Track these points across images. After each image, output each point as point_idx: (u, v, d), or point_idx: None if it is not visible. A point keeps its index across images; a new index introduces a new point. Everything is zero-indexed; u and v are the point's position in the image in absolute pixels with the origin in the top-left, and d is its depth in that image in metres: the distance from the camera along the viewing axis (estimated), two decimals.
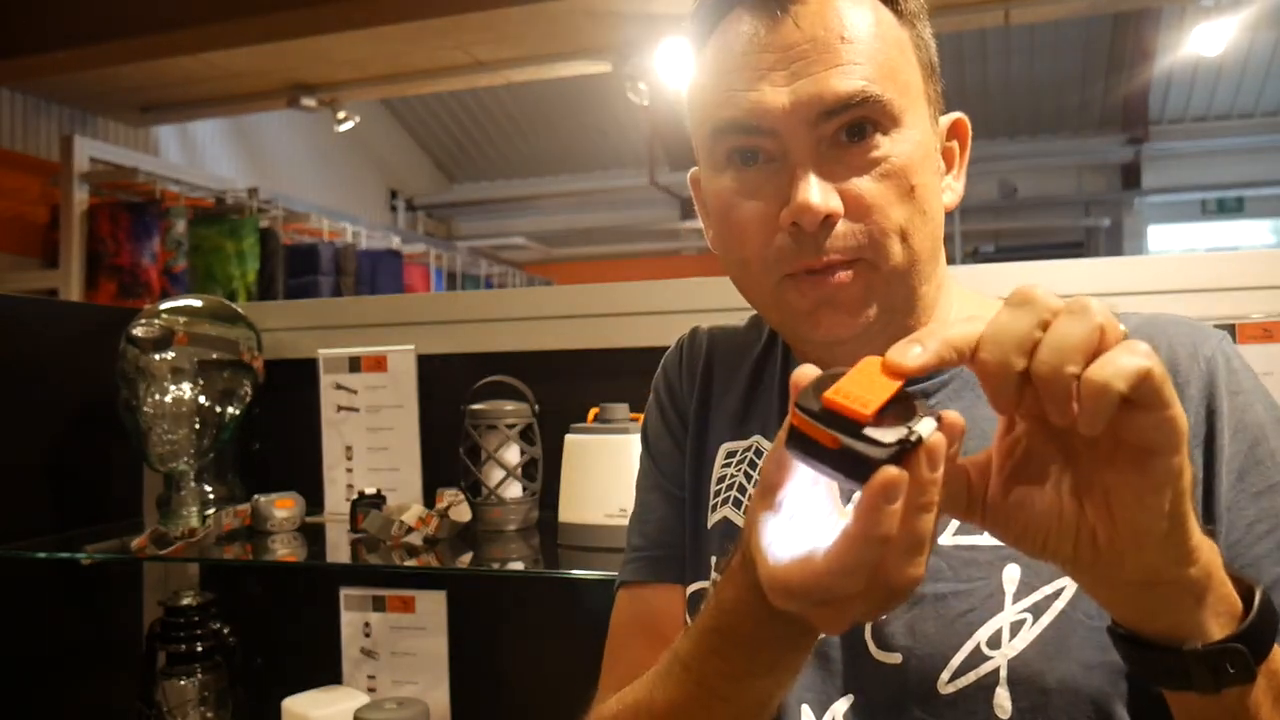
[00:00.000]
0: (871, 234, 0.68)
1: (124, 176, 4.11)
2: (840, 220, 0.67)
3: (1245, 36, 5.42)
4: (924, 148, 0.70)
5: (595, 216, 7.90)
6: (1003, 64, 6.28)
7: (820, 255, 0.68)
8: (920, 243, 0.70)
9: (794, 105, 0.67)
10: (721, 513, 0.79)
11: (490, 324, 1.48)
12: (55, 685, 1.43)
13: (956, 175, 0.77)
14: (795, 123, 0.67)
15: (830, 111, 0.66)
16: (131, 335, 1.42)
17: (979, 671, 0.64)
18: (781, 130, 0.67)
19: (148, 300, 3.72)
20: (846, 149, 0.67)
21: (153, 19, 3.87)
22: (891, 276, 0.69)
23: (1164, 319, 0.73)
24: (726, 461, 0.81)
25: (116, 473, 1.56)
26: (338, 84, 4.68)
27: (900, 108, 0.68)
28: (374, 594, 1.43)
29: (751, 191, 0.70)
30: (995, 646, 0.64)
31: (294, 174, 6.36)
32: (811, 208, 0.66)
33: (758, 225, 0.70)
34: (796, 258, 0.68)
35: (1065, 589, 0.64)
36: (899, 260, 0.69)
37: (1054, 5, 4.18)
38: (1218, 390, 0.67)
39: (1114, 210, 7.34)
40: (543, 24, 3.92)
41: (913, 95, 0.70)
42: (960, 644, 0.65)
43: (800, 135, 0.67)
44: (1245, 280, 1.17)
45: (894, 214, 0.68)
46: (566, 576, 1.21)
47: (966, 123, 0.77)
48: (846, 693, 0.68)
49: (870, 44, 0.67)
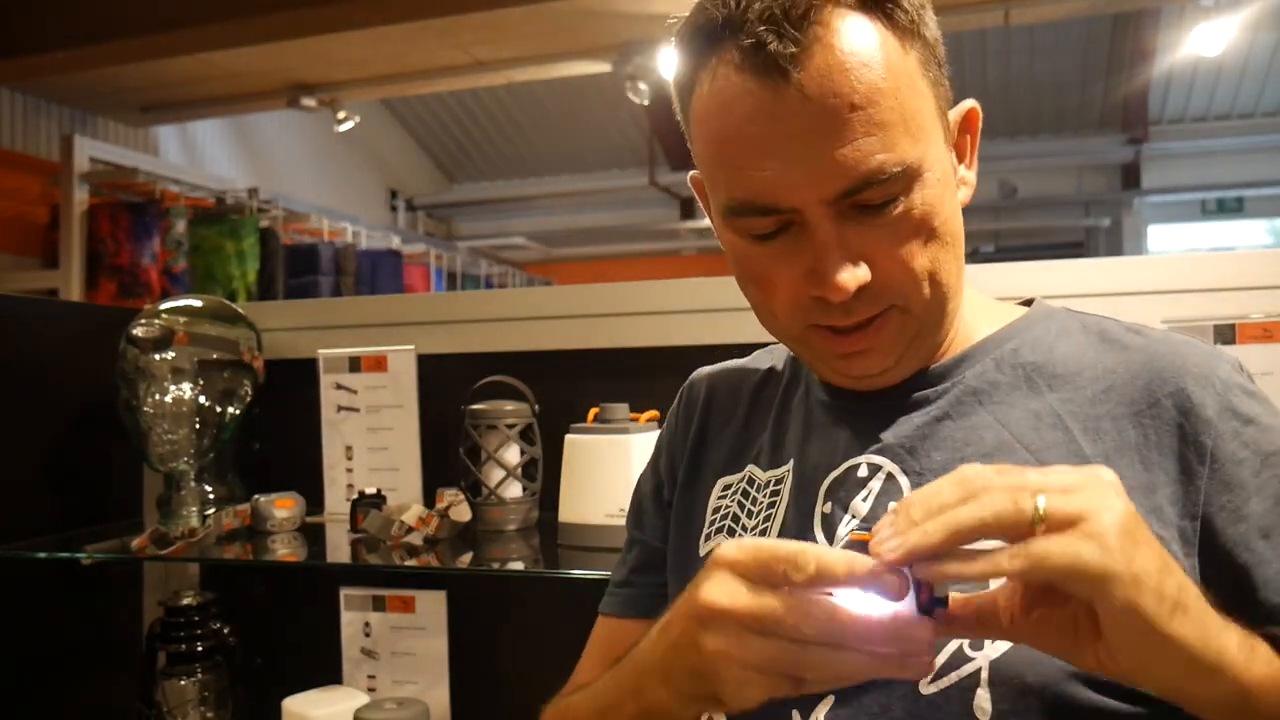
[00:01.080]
0: (900, 290, 0.67)
1: (124, 176, 4.11)
2: (868, 282, 0.66)
3: (1245, 36, 5.42)
4: (943, 181, 0.68)
5: (595, 216, 7.90)
6: (1003, 64, 6.28)
7: (850, 317, 0.68)
8: (948, 274, 0.69)
9: (809, 185, 0.63)
10: (715, 540, 0.79)
11: (490, 324, 1.48)
12: (55, 685, 1.43)
13: (969, 164, 0.75)
14: (812, 201, 0.64)
15: (848, 192, 0.64)
16: (131, 335, 1.42)
17: (960, 672, 0.63)
18: (798, 206, 0.65)
19: (148, 300, 3.72)
20: (869, 214, 0.65)
21: (153, 19, 3.86)
22: (923, 314, 0.70)
23: (1178, 339, 0.72)
24: (722, 494, 0.81)
25: (116, 473, 1.56)
26: (338, 84, 4.68)
27: (918, 159, 0.65)
28: (374, 594, 1.43)
29: (773, 256, 0.68)
30: (977, 648, 0.63)
31: (294, 174, 6.36)
32: (841, 287, 0.65)
33: (782, 287, 0.69)
34: (825, 317, 0.68)
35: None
36: (929, 299, 0.69)
37: (1054, 5, 4.18)
38: (1238, 415, 0.67)
39: (1114, 210, 7.34)
40: (543, 24, 3.92)
41: (928, 130, 0.66)
42: (943, 645, 0.64)
43: (818, 212, 0.64)
44: (1245, 280, 1.17)
45: (919, 262, 0.67)
46: (566, 576, 1.21)
47: (978, 111, 0.75)
48: (829, 693, 0.67)
49: (883, 102, 0.63)
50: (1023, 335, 0.75)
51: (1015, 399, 0.72)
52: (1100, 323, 0.76)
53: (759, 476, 0.79)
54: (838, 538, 0.71)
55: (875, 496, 0.71)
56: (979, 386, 0.73)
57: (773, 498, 0.77)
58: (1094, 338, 0.74)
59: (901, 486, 0.70)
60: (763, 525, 0.76)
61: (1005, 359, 0.74)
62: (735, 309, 1.36)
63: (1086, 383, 0.71)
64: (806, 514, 0.73)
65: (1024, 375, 0.73)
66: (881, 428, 0.73)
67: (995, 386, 0.73)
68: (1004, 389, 0.72)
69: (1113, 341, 0.73)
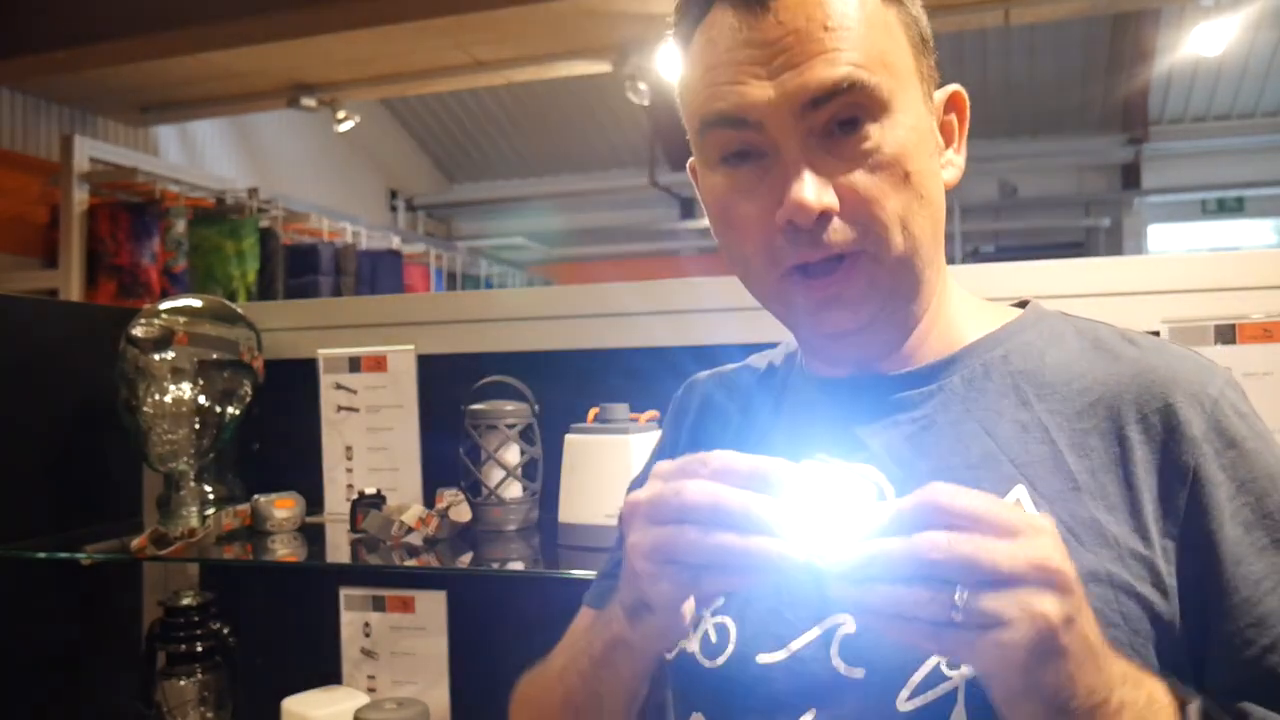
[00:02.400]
0: (870, 227, 0.67)
1: (124, 176, 4.11)
2: (836, 216, 0.67)
3: (1245, 36, 5.42)
4: (918, 131, 0.69)
5: (595, 216, 7.89)
6: (1003, 64, 6.28)
7: (818, 250, 0.67)
8: (921, 228, 0.69)
9: (780, 97, 0.66)
10: None
11: (490, 324, 1.48)
12: (55, 685, 1.43)
13: (957, 149, 0.75)
14: (782, 115, 0.66)
15: (816, 101, 0.66)
16: (131, 335, 1.42)
17: (937, 691, 0.63)
18: (768, 122, 0.67)
19: (148, 300, 3.71)
20: (837, 141, 0.67)
21: (153, 19, 3.86)
22: (895, 266, 0.69)
23: (1172, 351, 0.72)
24: None
25: (116, 473, 1.55)
26: (338, 84, 4.68)
27: (890, 91, 0.67)
28: (374, 594, 1.43)
29: (746, 190, 0.70)
30: (954, 666, 0.63)
31: (294, 174, 6.36)
32: (806, 205, 0.65)
33: (755, 224, 0.70)
34: (796, 254, 0.68)
35: None
36: (901, 249, 0.68)
37: (1054, 5, 4.18)
38: (1222, 435, 0.67)
39: (1114, 210, 7.33)
40: (543, 24, 3.92)
41: (903, 77, 0.69)
42: (921, 662, 0.64)
43: (788, 128, 0.66)
44: (1245, 280, 1.17)
45: (891, 204, 0.67)
46: (566, 576, 1.21)
47: (964, 94, 0.76)
48: (810, 707, 0.67)
49: (855, 29, 0.66)
50: (1014, 339, 0.75)
51: (1004, 407, 0.71)
52: (1095, 329, 0.75)
53: None
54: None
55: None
56: (966, 393, 0.73)
57: None
58: (1087, 344, 0.74)
59: (883, 492, 0.70)
60: None
61: (995, 365, 0.74)
62: (735, 309, 1.36)
63: (1075, 394, 0.70)
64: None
65: (1013, 383, 0.72)
66: (871, 434, 0.73)
67: (983, 393, 0.72)
68: (992, 396, 0.72)
69: (1105, 350, 0.73)
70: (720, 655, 0.72)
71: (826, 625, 0.68)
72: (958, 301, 0.78)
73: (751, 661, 0.70)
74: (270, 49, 4.05)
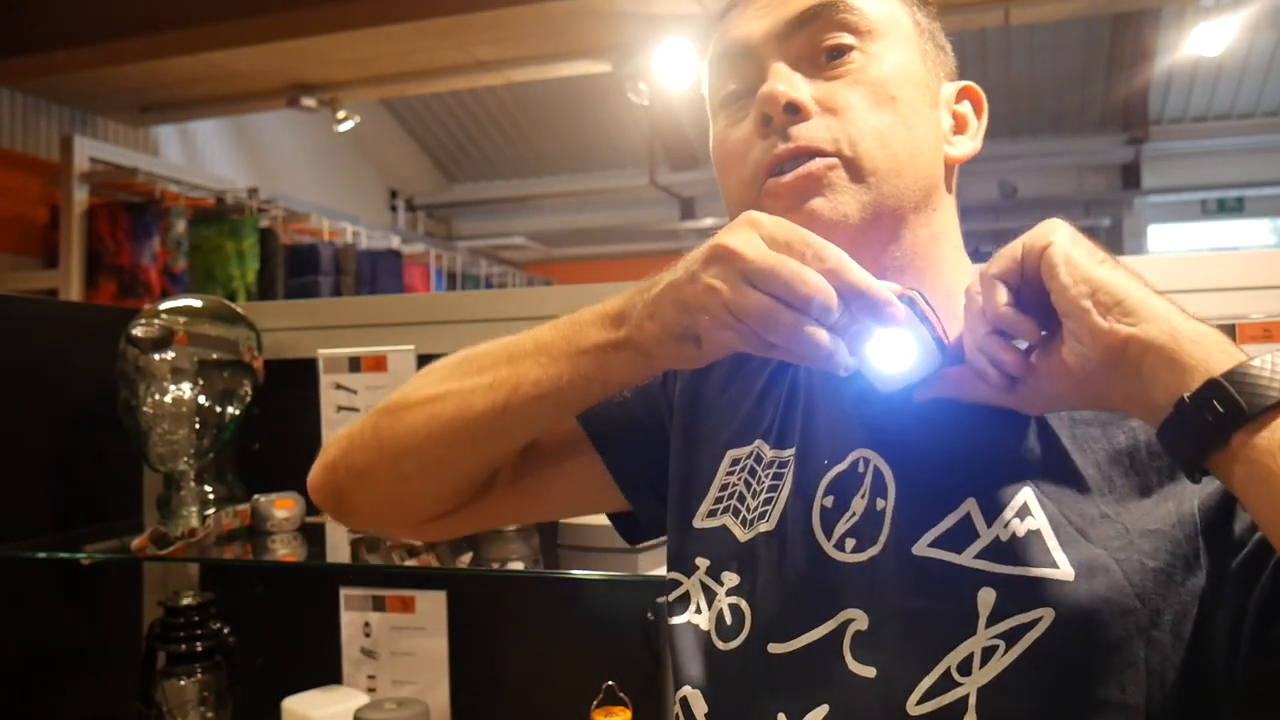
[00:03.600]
0: (846, 132, 0.67)
1: (124, 176, 4.11)
2: (814, 117, 0.68)
3: (1245, 36, 5.42)
4: (908, 70, 0.70)
5: (595, 216, 7.89)
6: (1003, 64, 6.28)
7: (789, 142, 0.67)
8: (903, 153, 0.68)
9: (770, 26, 0.70)
10: (721, 520, 0.77)
11: (490, 324, 1.48)
12: (55, 685, 1.43)
13: (972, 136, 0.76)
14: (769, 40, 0.70)
15: (801, 20, 0.68)
16: (131, 335, 1.42)
17: (947, 697, 0.62)
18: (758, 50, 0.70)
19: (148, 300, 3.72)
20: (825, 65, 0.69)
21: (153, 19, 3.86)
22: (872, 181, 0.67)
23: None
24: (731, 469, 0.79)
25: (116, 473, 1.55)
26: (338, 84, 4.68)
27: (874, 21, 0.70)
28: (374, 594, 1.43)
29: (736, 120, 0.72)
30: (965, 673, 0.61)
31: (294, 174, 6.36)
32: (774, 93, 0.67)
33: (740, 146, 0.71)
34: (766, 153, 0.68)
35: (1041, 619, 0.61)
36: (880, 164, 0.67)
37: (1054, 5, 4.18)
38: None
39: (1114, 210, 7.34)
40: (543, 24, 3.92)
41: (896, 25, 0.71)
42: (932, 666, 0.62)
43: (773, 51, 0.70)
44: (1245, 280, 1.17)
45: (869, 117, 0.68)
46: (566, 576, 1.21)
47: (979, 90, 0.77)
48: (821, 703, 0.66)
49: None
50: None
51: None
52: None
53: (765, 453, 0.77)
54: (834, 534, 0.69)
55: (868, 493, 0.69)
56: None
57: (776, 480, 0.75)
58: None
59: (886, 479, 0.69)
60: (764, 508, 0.74)
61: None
62: None
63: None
64: (807, 505, 0.72)
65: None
66: (880, 414, 0.71)
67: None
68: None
69: None
70: (735, 638, 0.71)
71: (839, 620, 0.67)
72: (967, 275, 0.75)
73: (763, 650, 0.69)
74: (270, 49, 4.05)
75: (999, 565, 0.63)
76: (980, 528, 0.65)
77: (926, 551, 0.65)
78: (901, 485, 0.68)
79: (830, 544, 0.69)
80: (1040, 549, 0.62)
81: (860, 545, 0.68)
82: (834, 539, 0.69)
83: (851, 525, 0.69)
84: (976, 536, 0.64)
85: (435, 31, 3.94)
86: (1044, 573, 0.62)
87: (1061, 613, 0.60)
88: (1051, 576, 0.61)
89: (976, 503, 0.65)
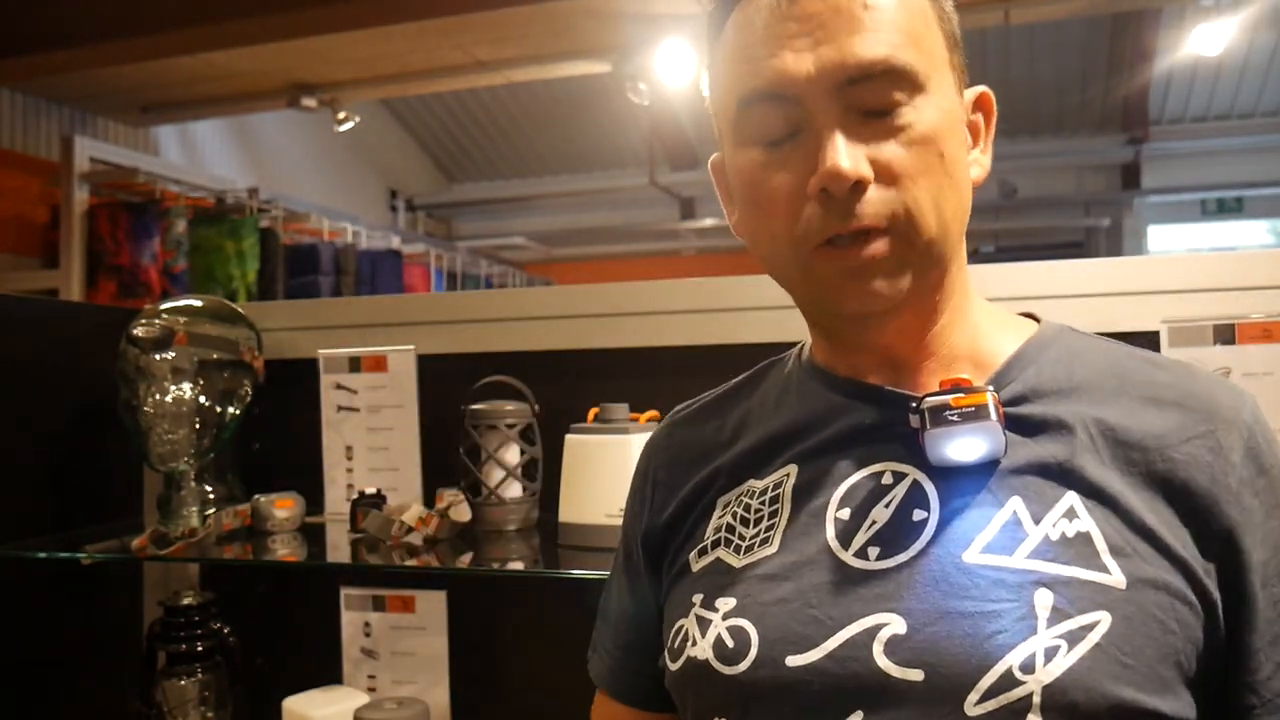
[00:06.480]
0: (904, 203, 0.67)
1: (124, 176, 4.11)
2: (871, 187, 0.66)
3: (1245, 36, 5.42)
4: (951, 116, 0.70)
5: (595, 216, 7.90)
6: (1003, 64, 6.28)
7: (850, 221, 0.67)
8: (952, 214, 0.69)
9: (818, 72, 0.66)
10: (715, 554, 0.76)
11: (490, 324, 1.48)
12: (55, 685, 1.43)
13: (984, 150, 0.76)
14: (820, 90, 0.67)
15: (854, 79, 0.66)
16: (131, 335, 1.42)
17: (1011, 695, 0.61)
18: (805, 97, 0.67)
19: (148, 300, 3.72)
20: (873, 120, 0.67)
21: (153, 19, 3.87)
22: (926, 250, 0.68)
23: (1203, 374, 0.72)
24: (722, 513, 0.78)
25: (116, 473, 1.55)
26: (338, 84, 4.68)
27: (925, 74, 0.68)
28: (374, 594, 1.43)
29: (779, 164, 0.69)
30: (1029, 671, 0.61)
31: (294, 174, 6.36)
32: (841, 172, 0.65)
33: (786, 197, 0.69)
34: (826, 226, 0.67)
35: (1100, 622, 0.62)
36: (933, 232, 0.68)
37: (1054, 5, 4.19)
38: (1255, 461, 0.67)
39: (1114, 210, 7.34)
40: (543, 24, 3.92)
41: (938, 63, 0.70)
42: (990, 665, 0.62)
43: (825, 103, 0.67)
44: (1245, 280, 1.17)
45: (925, 183, 0.67)
46: (566, 576, 1.21)
47: (991, 96, 0.76)
48: (856, 709, 0.64)
49: (893, 12, 0.67)
50: (1043, 357, 0.74)
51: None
52: (1113, 351, 0.75)
53: (755, 486, 0.77)
54: (854, 544, 0.69)
55: (898, 504, 0.69)
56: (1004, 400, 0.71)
57: (773, 505, 0.75)
58: (1113, 361, 0.74)
59: (928, 494, 0.69)
60: (765, 534, 0.74)
61: (1028, 380, 0.72)
62: (735, 309, 1.37)
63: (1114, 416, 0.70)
64: (816, 514, 0.71)
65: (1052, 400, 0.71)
66: (902, 432, 0.71)
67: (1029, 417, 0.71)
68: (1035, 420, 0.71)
69: (1135, 373, 0.72)
70: (742, 660, 0.69)
71: (866, 624, 0.66)
72: (982, 310, 0.77)
73: (781, 664, 0.67)
74: (270, 49, 4.05)
75: (1052, 565, 0.64)
76: (1028, 526, 0.65)
77: (979, 559, 0.65)
78: (945, 497, 0.68)
79: (849, 553, 0.69)
80: (1090, 552, 0.64)
81: (886, 553, 0.67)
82: (853, 549, 0.69)
83: (874, 534, 0.69)
84: (1025, 536, 0.65)
85: (435, 31, 3.94)
86: (1096, 577, 0.63)
87: (1117, 617, 0.62)
88: (1103, 582, 0.63)
89: (1022, 501, 0.66)
